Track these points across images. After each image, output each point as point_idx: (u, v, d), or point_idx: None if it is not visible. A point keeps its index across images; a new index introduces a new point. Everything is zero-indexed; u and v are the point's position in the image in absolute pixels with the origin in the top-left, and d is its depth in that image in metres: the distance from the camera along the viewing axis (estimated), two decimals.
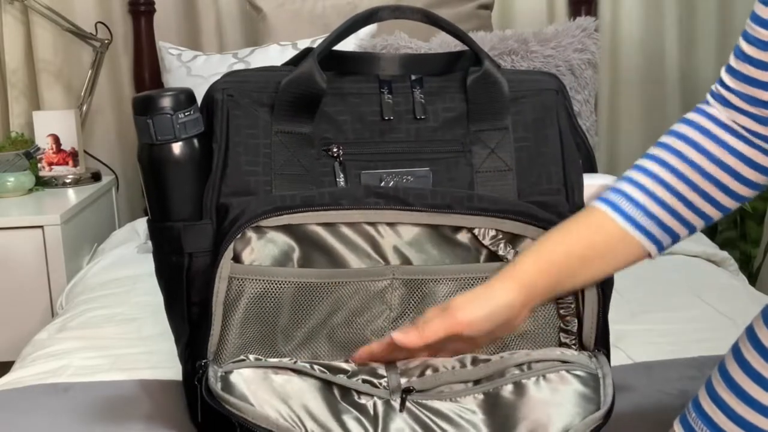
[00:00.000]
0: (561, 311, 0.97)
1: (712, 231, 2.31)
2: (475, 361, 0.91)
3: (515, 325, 0.89)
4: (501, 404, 0.89)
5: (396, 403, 0.88)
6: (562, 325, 0.97)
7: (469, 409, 0.88)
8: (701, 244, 1.81)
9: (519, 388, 0.89)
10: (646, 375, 1.11)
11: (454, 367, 0.90)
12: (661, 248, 0.88)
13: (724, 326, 1.31)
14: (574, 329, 0.97)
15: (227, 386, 0.86)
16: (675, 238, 0.88)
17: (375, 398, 0.88)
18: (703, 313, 1.37)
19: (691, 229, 0.88)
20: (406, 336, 0.87)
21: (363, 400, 0.88)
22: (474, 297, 0.87)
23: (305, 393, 0.87)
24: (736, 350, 0.80)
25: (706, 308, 1.39)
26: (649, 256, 0.88)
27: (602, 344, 0.98)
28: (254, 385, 0.87)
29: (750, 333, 0.79)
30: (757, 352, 0.77)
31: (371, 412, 0.87)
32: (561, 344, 0.97)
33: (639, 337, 1.25)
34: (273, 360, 0.89)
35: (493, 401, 0.89)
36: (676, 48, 2.58)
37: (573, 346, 0.96)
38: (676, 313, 1.37)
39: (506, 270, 0.88)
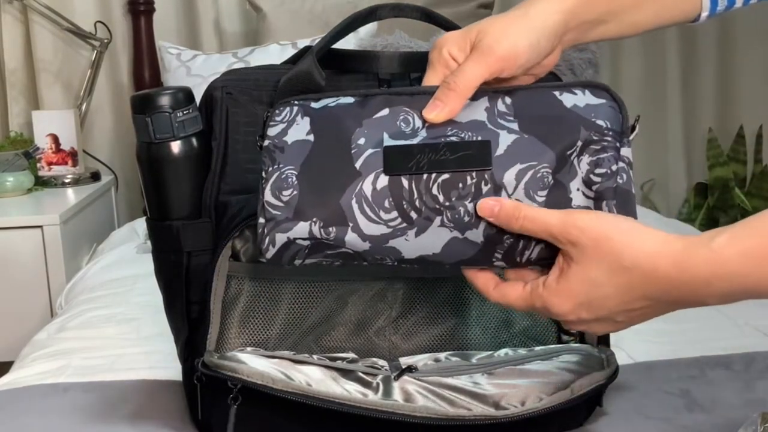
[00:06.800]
0: None
1: None
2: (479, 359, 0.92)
3: (548, 64, 0.80)
4: (503, 374, 0.90)
5: (397, 379, 0.88)
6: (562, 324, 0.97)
7: (473, 381, 0.89)
8: None
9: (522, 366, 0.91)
10: (647, 374, 1.10)
11: (457, 360, 0.91)
12: (714, 7, 0.81)
13: (724, 326, 1.31)
14: (575, 330, 0.96)
15: (223, 357, 0.87)
16: (731, 1, 0.82)
17: (377, 377, 0.88)
18: (704, 312, 1.37)
19: None
20: (442, 108, 0.74)
21: (365, 377, 0.88)
22: (508, 25, 0.76)
23: (305, 366, 0.88)
24: None
25: (707, 308, 1.39)
26: (697, 19, 0.82)
27: (603, 344, 0.98)
28: (252, 357, 0.87)
29: None
30: None
31: (373, 384, 0.88)
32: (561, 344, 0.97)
33: (640, 336, 1.25)
34: (270, 353, 0.89)
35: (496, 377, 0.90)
36: (677, 48, 2.58)
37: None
38: (676, 312, 1.37)
39: None
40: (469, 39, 0.78)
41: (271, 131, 0.79)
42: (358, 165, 0.75)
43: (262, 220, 0.77)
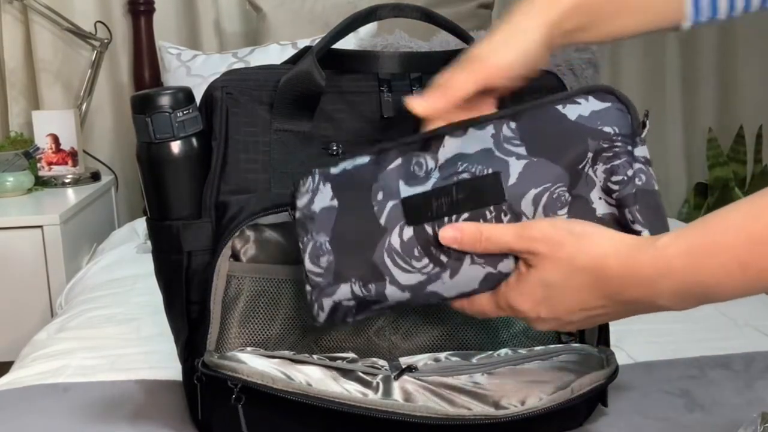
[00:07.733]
0: None
1: None
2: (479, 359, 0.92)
3: (537, 70, 0.84)
4: (502, 374, 0.90)
5: (397, 379, 0.88)
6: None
7: (473, 381, 0.89)
8: None
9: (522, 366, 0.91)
10: (647, 374, 1.10)
11: (457, 359, 0.91)
12: (697, 17, 0.84)
13: (725, 326, 1.31)
14: (574, 330, 0.97)
15: (223, 357, 0.88)
16: (714, 13, 0.84)
17: (377, 377, 0.88)
18: (704, 312, 1.37)
19: (732, 7, 0.84)
20: (426, 100, 0.79)
21: (365, 377, 0.88)
22: (500, 39, 0.80)
23: (304, 366, 0.88)
24: None
25: (707, 308, 1.38)
26: (678, 27, 0.85)
27: (603, 344, 0.98)
28: (252, 357, 0.88)
29: None
30: None
31: (373, 383, 0.88)
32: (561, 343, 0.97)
33: (640, 336, 1.25)
34: (270, 353, 0.89)
35: (496, 376, 0.90)
36: (677, 48, 2.58)
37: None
38: (676, 312, 1.37)
39: (530, 4, 0.82)
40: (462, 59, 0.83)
41: (300, 202, 0.82)
42: (382, 221, 0.78)
43: (309, 288, 0.80)
